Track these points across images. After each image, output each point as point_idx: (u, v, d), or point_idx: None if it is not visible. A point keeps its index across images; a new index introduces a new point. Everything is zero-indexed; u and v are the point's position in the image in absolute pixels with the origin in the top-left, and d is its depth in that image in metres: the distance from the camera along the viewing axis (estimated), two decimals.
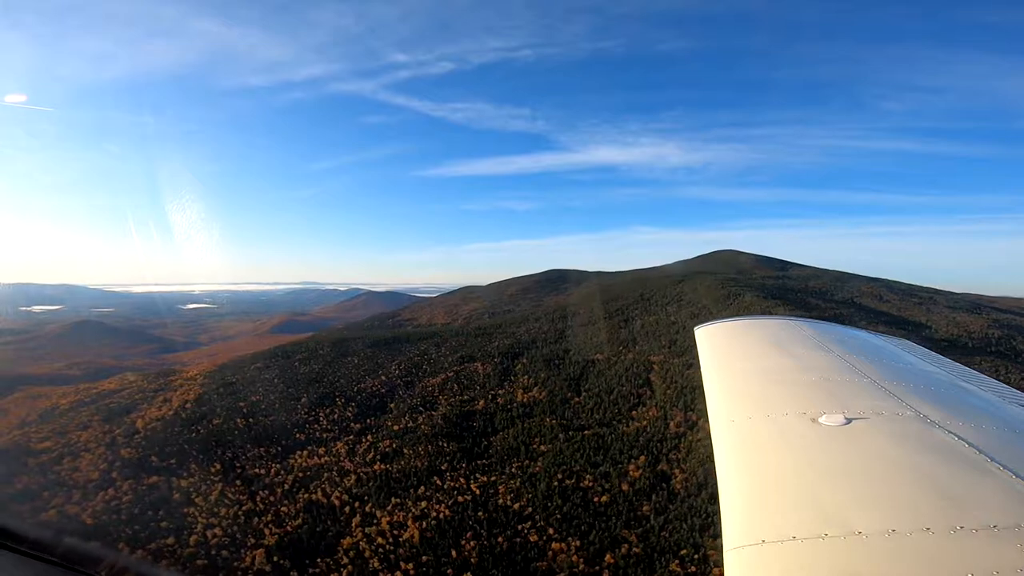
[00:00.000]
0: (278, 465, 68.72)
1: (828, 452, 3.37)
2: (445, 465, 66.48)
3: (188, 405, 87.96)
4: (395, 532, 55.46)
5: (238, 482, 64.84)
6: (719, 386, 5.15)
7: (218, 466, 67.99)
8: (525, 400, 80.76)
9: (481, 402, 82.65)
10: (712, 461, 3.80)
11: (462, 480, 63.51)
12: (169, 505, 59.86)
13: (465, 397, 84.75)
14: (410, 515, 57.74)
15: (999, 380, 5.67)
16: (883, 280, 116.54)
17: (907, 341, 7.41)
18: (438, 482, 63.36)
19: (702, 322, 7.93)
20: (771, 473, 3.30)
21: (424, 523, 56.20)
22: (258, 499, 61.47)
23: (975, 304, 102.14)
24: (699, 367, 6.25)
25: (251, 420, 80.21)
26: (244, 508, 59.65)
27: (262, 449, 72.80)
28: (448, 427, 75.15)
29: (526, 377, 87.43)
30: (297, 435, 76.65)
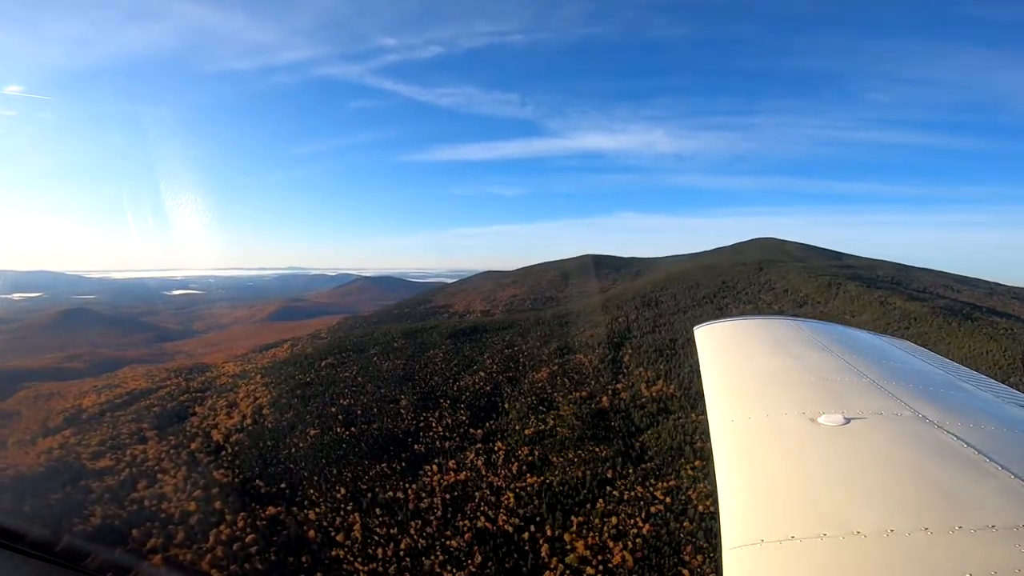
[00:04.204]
0: (413, 485, 55.47)
1: (827, 452, 3.21)
2: (611, 472, 55.60)
3: (265, 411, 72.05)
4: (599, 557, 44.45)
5: (377, 510, 51.33)
6: (719, 386, 4.83)
7: (343, 490, 53.94)
8: (654, 395, 70.61)
9: (604, 398, 71.82)
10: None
11: (639, 488, 52.96)
12: (308, 546, 45.89)
13: (583, 393, 73.58)
14: (605, 535, 46.79)
15: None
16: (934, 271, 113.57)
17: (906, 341, 6.81)
18: (614, 493, 52.53)
19: (701, 321, 7.59)
20: (771, 473, 3.14)
21: (627, 543, 45.46)
22: (412, 531, 48.44)
23: None
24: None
25: (353, 429, 65.79)
26: (402, 545, 46.60)
27: (383, 465, 59.08)
28: (587, 428, 64.03)
29: (642, 369, 77.11)
30: (415, 446, 63.20)
